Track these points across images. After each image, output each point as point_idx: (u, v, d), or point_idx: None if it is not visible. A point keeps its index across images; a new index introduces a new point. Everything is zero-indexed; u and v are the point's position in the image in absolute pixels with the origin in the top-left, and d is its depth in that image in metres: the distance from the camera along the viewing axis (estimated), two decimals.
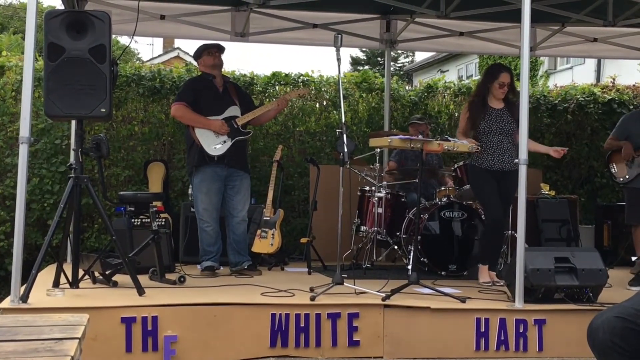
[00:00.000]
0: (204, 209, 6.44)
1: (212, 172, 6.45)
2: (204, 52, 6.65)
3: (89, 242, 8.29)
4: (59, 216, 5.09)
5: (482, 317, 5.06)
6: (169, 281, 5.76)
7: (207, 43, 6.75)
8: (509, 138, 6.26)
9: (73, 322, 2.51)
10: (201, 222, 6.47)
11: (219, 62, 6.68)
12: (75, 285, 5.32)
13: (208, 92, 6.56)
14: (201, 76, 6.75)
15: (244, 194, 6.64)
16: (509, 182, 6.12)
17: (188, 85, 6.76)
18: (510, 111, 6.25)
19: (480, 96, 6.35)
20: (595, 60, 19.08)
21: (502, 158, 6.21)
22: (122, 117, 8.67)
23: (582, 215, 9.03)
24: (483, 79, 6.45)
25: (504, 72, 6.29)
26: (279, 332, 4.84)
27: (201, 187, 6.44)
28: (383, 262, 7.62)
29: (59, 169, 8.23)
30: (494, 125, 6.24)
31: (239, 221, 6.59)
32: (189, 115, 6.48)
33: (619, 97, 9.95)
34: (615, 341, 2.75)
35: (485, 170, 6.24)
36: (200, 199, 6.45)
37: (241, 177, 6.61)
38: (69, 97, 5.04)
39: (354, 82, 9.54)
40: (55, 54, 5.02)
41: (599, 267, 5.32)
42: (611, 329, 2.76)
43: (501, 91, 6.26)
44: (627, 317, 2.78)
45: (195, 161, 6.45)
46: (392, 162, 7.96)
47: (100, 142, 5.39)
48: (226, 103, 6.61)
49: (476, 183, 6.42)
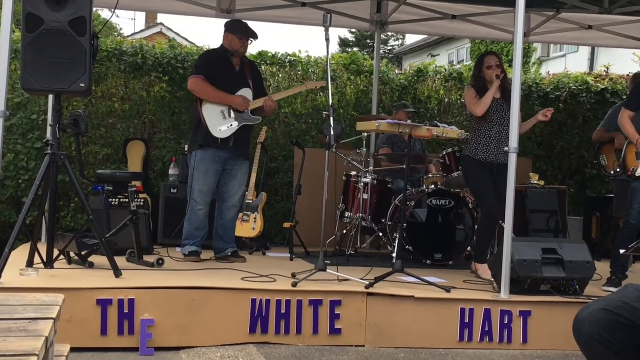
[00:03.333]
0: (199, 190, 6.20)
1: (213, 152, 6.20)
2: (240, 32, 6.32)
3: (65, 221, 8.19)
4: (34, 193, 5.00)
5: (467, 307, 5.02)
6: (147, 263, 5.67)
7: (246, 27, 6.39)
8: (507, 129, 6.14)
9: (48, 301, 2.48)
10: (194, 203, 6.23)
11: (244, 51, 6.45)
12: (49, 265, 5.25)
13: (224, 69, 6.29)
14: (219, 50, 6.41)
15: (241, 180, 6.43)
16: (503, 174, 6.01)
17: (205, 58, 6.43)
18: (507, 101, 6.13)
19: (478, 86, 6.24)
20: (588, 48, 19.05)
21: (497, 150, 6.09)
22: (102, 93, 8.52)
23: (570, 207, 8.98)
24: (475, 70, 6.39)
25: (487, 55, 6.31)
26: (258, 318, 4.79)
27: (199, 166, 6.19)
28: (367, 249, 7.55)
29: (35, 144, 8.11)
30: (495, 115, 6.14)
31: (230, 206, 6.39)
32: (208, 90, 6.17)
33: (612, 86, 9.92)
34: (601, 334, 2.72)
35: (478, 161, 6.16)
36: (196, 178, 6.19)
37: (240, 163, 6.39)
38: (46, 71, 4.95)
39: (342, 63, 9.44)
40: (33, 25, 4.93)
41: (586, 259, 5.30)
42: (597, 322, 2.74)
43: (491, 72, 6.15)
44: (614, 310, 2.75)
45: (201, 140, 6.18)
46: (386, 147, 7.84)
47: (78, 118, 5.30)
48: (240, 83, 6.34)
49: (470, 175, 6.32)
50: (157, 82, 8.64)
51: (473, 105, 6.15)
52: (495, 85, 6.06)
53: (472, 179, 6.30)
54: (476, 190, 6.38)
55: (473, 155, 6.18)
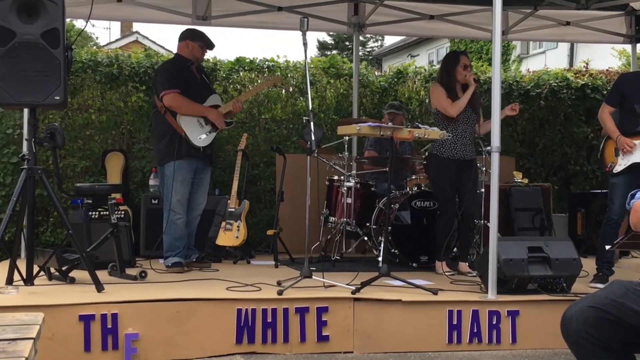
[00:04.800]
0: (177, 200, 6.20)
1: (189, 162, 6.23)
2: (199, 41, 6.38)
3: (44, 237, 8.11)
4: (12, 210, 4.95)
5: (455, 309, 5.00)
6: (130, 276, 5.63)
7: (207, 37, 6.45)
8: (472, 127, 6.34)
9: (27, 321, 2.49)
10: (173, 213, 6.22)
11: (202, 60, 6.57)
12: (29, 282, 5.17)
13: (189, 80, 6.32)
14: (178, 60, 6.43)
15: (205, 188, 6.51)
16: (473, 170, 6.21)
17: (171, 72, 6.36)
18: (471, 100, 6.25)
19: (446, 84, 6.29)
20: (568, 45, 19.15)
21: (464, 147, 6.27)
22: (78, 105, 8.44)
23: (555, 204, 8.99)
24: (444, 67, 6.42)
25: (462, 55, 6.38)
26: (245, 328, 4.75)
27: (177, 176, 6.16)
28: (353, 253, 7.51)
29: (11, 160, 8.02)
30: (461, 114, 6.23)
31: (196, 215, 6.47)
32: (187, 104, 6.19)
33: (592, 82, 9.91)
34: (589, 331, 2.73)
35: (446, 159, 6.25)
36: (175, 188, 6.18)
37: (207, 171, 6.48)
38: (20, 84, 4.90)
39: (322, 67, 9.40)
40: (5, 38, 4.87)
41: (572, 257, 5.31)
42: (585, 319, 2.75)
43: (465, 73, 6.24)
44: (601, 307, 2.76)
45: (183, 151, 6.16)
46: (372, 150, 7.80)
47: (54, 131, 5.24)
48: (206, 90, 6.43)
49: (435, 173, 6.44)
50: (135, 92, 8.56)
51: (448, 105, 6.20)
52: (472, 88, 6.14)
53: (436, 179, 6.43)
54: (438, 191, 6.51)
55: (440, 154, 6.29)
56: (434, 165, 6.40)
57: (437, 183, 6.46)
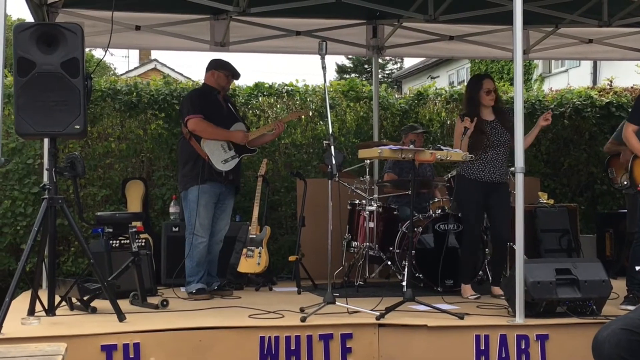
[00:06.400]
0: (200, 224, 6.28)
1: (213, 187, 6.34)
2: (225, 70, 6.53)
3: (66, 267, 8.11)
4: (33, 240, 4.93)
5: (482, 333, 4.90)
6: (151, 305, 5.62)
7: (232, 66, 6.59)
8: (505, 149, 6.22)
9: (50, 352, 2.54)
10: (196, 237, 6.29)
11: (228, 89, 6.79)
12: (51, 313, 5.18)
13: (215, 107, 6.45)
14: (205, 89, 6.60)
15: (228, 214, 6.59)
16: (502, 193, 6.14)
17: (197, 98, 6.52)
18: (502, 121, 6.19)
19: (471, 110, 6.22)
20: (591, 63, 18.99)
21: (494, 170, 6.16)
22: (98, 134, 8.49)
23: (582, 224, 8.88)
24: (469, 92, 6.37)
25: (485, 79, 6.29)
26: (268, 356, 4.71)
27: (200, 200, 6.25)
28: (376, 278, 7.40)
29: (32, 190, 8.05)
30: (492, 137, 6.16)
31: (218, 241, 6.53)
32: (210, 129, 6.31)
33: (617, 99, 9.82)
34: (622, 355, 2.70)
35: (474, 180, 6.16)
36: (198, 212, 6.27)
37: (231, 196, 6.57)
38: (40, 114, 4.93)
39: (341, 91, 9.39)
40: (25, 69, 4.92)
41: (602, 278, 5.19)
42: (617, 342, 2.72)
43: (489, 98, 6.20)
44: (633, 329, 2.73)
45: (206, 175, 6.27)
46: (391, 173, 7.74)
47: (74, 160, 5.29)
48: (232, 119, 6.54)
49: (461, 195, 6.30)
50: (154, 120, 8.61)
51: (458, 142, 6.12)
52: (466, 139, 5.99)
53: (463, 200, 6.30)
54: (464, 212, 6.42)
55: (468, 175, 6.20)
56: (461, 186, 6.29)
57: (463, 205, 6.37)
